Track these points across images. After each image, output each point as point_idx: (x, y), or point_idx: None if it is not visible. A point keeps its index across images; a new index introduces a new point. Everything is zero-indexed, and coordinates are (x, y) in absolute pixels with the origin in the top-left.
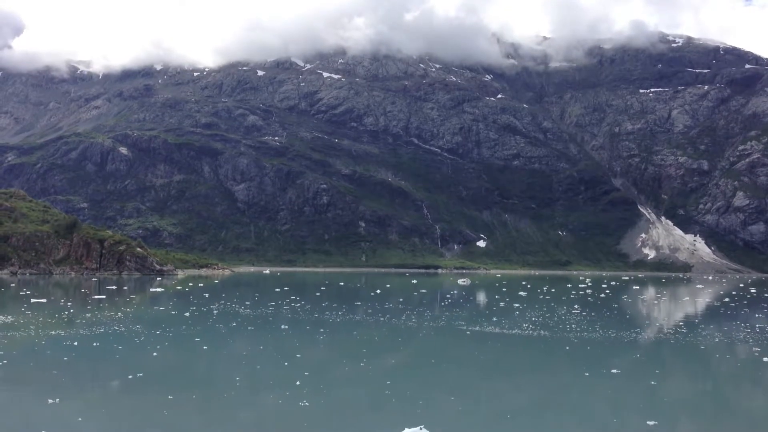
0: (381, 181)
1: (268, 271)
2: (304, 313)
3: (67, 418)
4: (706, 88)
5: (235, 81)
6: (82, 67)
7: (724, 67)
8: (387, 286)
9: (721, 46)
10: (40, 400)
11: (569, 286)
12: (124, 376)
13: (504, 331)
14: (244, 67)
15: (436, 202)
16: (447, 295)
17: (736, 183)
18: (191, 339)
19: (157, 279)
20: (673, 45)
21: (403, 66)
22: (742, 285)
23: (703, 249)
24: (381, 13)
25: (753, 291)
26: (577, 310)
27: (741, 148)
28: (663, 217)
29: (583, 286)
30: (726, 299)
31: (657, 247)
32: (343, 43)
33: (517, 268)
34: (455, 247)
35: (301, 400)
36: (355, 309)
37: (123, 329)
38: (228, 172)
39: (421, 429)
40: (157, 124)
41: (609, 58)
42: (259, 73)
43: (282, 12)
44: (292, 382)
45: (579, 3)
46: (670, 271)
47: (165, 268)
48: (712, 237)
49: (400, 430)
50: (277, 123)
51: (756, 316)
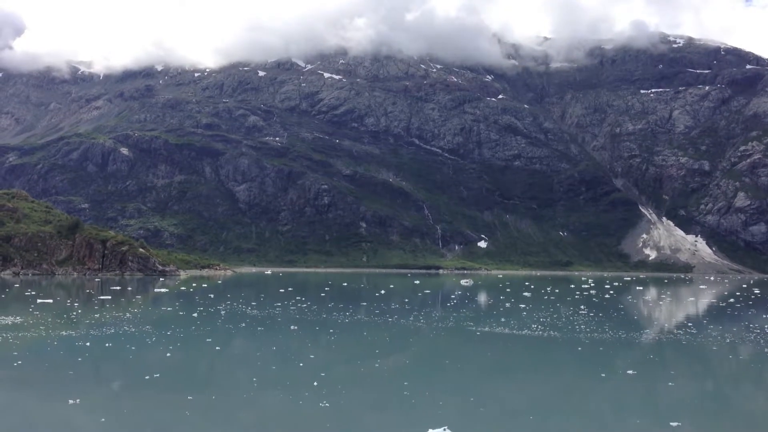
0: (382, 182)
1: (269, 272)
2: (311, 314)
3: (89, 419)
4: (707, 88)
5: (236, 81)
6: (83, 68)
7: (725, 68)
8: (390, 286)
9: (721, 46)
10: (61, 401)
11: (572, 286)
12: (140, 377)
13: (513, 331)
14: (245, 68)
15: (437, 202)
16: (451, 296)
17: (737, 183)
18: (203, 339)
19: (160, 279)
20: (674, 45)
21: (404, 66)
22: (744, 286)
23: (704, 249)
24: (382, 14)
25: (757, 292)
26: (583, 310)
27: (742, 148)
28: (664, 218)
29: (586, 286)
30: (731, 300)
31: (658, 248)
32: (344, 43)
33: (518, 269)
34: (456, 247)
35: (321, 401)
36: (361, 309)
37: (133, 330)
38: (229, 173)
39: (444, 430)
40: (158, 124)
41: (610, 58)
42: (260, 73)
43: (283, 12)
44: (309, 383)
45: (580, 3)
46: (671, 271)
47: (167, 269)
48: (713, 237)
49: (424, 430)
50: (278, 123)
51: (763, 317)
